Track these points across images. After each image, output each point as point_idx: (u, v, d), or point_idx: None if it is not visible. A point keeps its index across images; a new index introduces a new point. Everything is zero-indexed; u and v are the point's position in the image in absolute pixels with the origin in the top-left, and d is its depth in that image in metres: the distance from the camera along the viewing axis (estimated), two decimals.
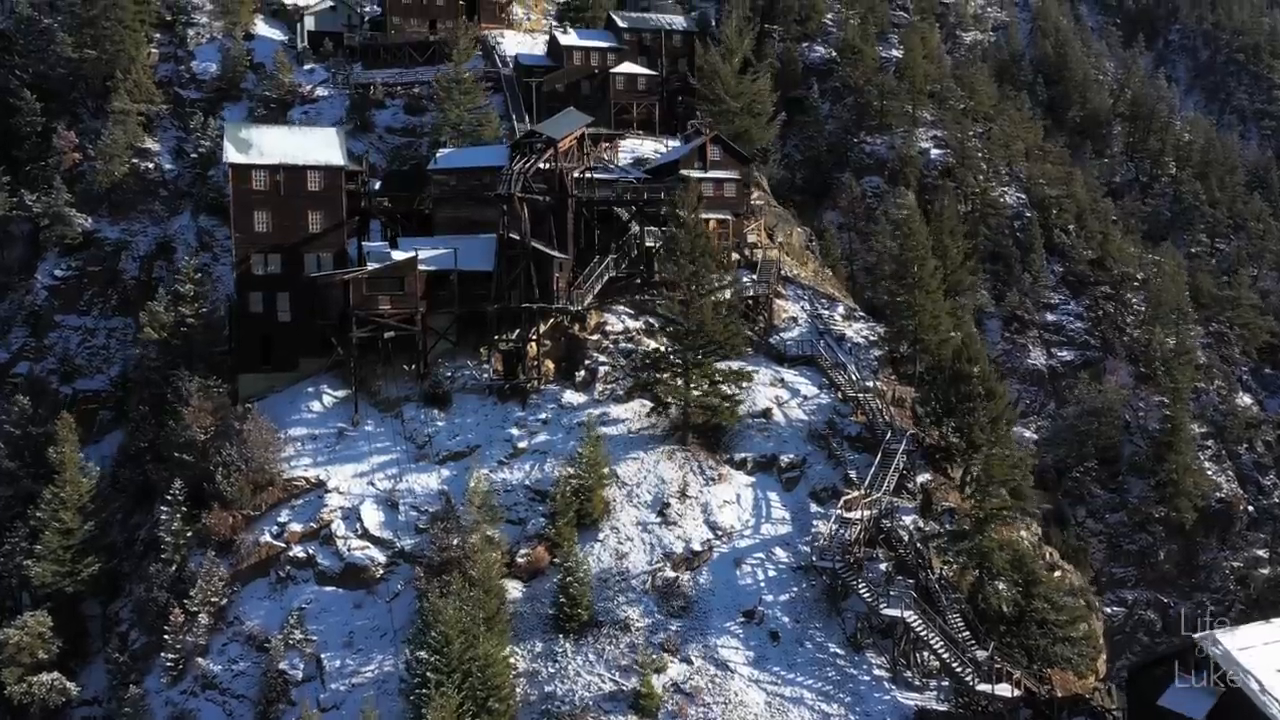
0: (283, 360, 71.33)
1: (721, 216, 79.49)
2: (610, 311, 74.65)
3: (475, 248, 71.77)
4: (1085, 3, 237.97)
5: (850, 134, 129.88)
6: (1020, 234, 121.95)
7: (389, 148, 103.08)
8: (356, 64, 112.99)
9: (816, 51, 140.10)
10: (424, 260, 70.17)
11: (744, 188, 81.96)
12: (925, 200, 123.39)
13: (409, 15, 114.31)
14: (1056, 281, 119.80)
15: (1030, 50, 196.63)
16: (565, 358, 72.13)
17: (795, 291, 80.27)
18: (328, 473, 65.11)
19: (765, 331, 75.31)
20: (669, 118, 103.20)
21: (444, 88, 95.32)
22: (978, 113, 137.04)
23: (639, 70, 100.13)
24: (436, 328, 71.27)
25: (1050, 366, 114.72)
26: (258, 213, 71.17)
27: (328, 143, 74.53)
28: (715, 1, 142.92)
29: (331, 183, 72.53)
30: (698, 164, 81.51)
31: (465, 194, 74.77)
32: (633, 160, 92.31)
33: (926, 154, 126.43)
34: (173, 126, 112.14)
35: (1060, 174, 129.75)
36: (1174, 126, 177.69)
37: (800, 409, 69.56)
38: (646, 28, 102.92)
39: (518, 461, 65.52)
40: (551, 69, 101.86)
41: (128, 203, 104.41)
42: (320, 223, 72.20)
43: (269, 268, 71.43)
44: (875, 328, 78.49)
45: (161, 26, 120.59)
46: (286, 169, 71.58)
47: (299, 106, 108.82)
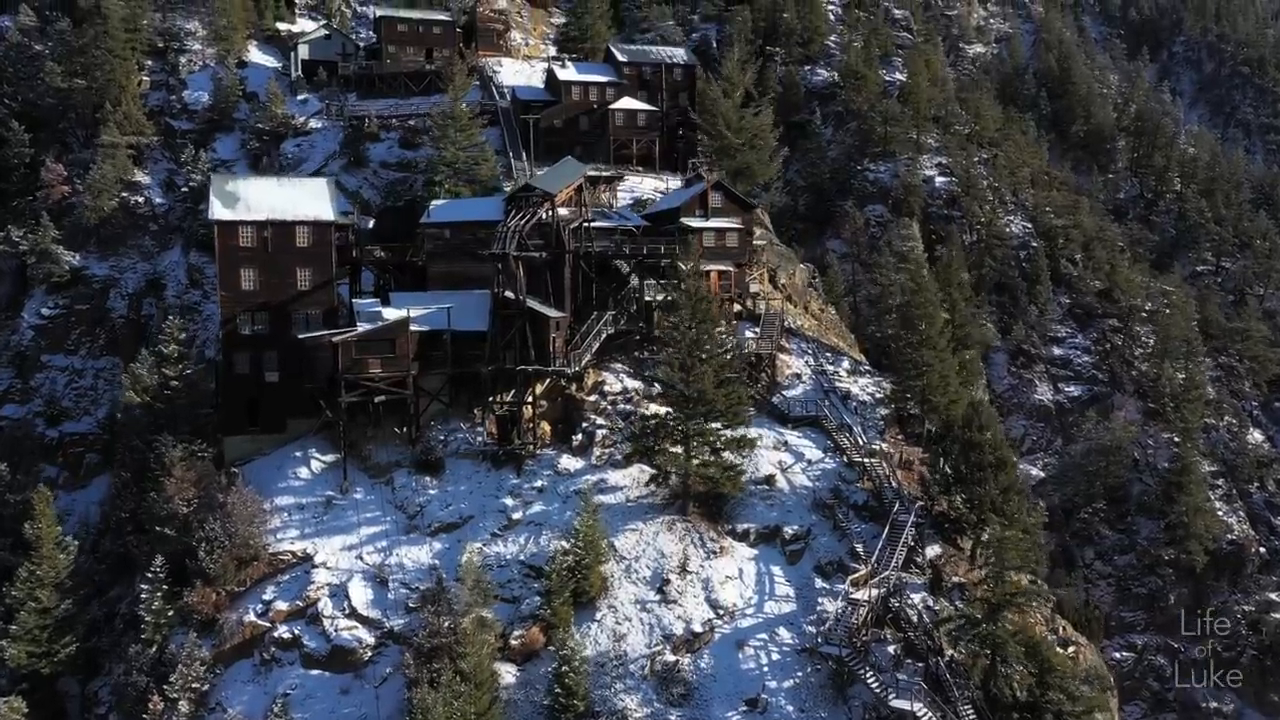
0: (270, 422, 68.57)
1: (723, 267, 76.65)
2: (609, 370, 71.88)
3: (469, 305, 68.95)
4: (1089, 14, 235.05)
5: (853, 160, 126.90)
6: (1026, 264, 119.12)
7: (383, 183, 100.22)
8: (351, 94, 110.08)
9: (819, 75, 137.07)
10: (416, 320, 67.40)
11: (747, 236, 79.05)
12: (930, 230, 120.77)
13: (404, 44, 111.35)
14: (1063, 314, 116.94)
15: (1033, 63, 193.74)
16: (562, 419, 69.39)
17: (799, 345, 77.45)
18: (315, 545, 62.36)
19: (768, 390, 72.53)
20: (669, 153, 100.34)
21: (439, 125, 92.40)
22: (982, 137, 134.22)
23: (638, 106, 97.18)
24: (429, 389, 68.54)
25: (1057, 402, 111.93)
26: (245, 270, 68.37)
27: (317, 195, 71.69)
28: (716, 24, 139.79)
29: (321, 238, 69.69)
30: (698, 212, 78.66)
31: (459, 248, 71.96)
32: (632, 201, 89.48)
33: (931, 182, 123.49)
34: (164, 158, 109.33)
35: (1066, 201, 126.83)
36: (1179, 142, 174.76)
37: (805, 475, 66.80)
38: (646, 61, 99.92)
39: (512, 534, 62.78)
40: (549, 104, 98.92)
41: (117, 238, 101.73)
42: (309, 280, 69.40)
43: (256, 327, 68.65)
44: (881, 382, 75.65)
45: (153, 53, 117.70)
46: (275, 225, 68.74)
47: (292, 139, 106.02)
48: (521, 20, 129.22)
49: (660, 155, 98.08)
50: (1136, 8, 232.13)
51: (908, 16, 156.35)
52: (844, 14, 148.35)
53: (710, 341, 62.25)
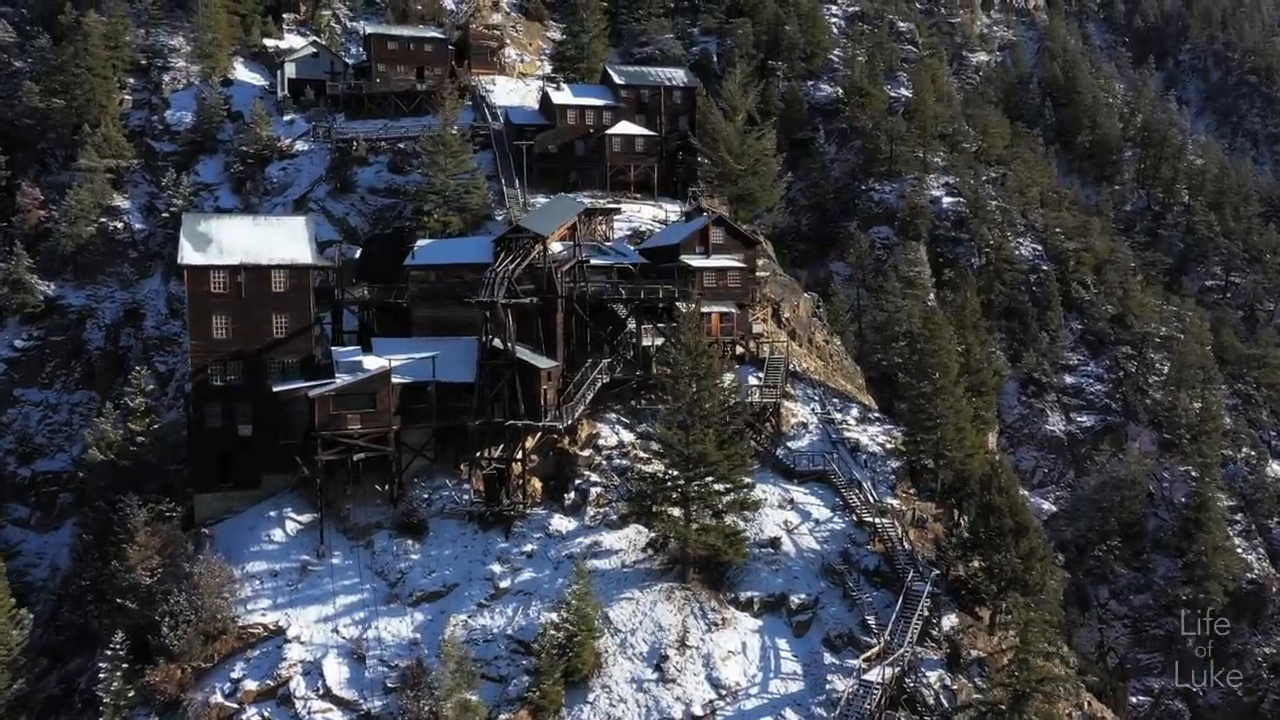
0: (244, 478, 63.91)
1: (724, 309, 72.01)
2: (604, 420, 67.21)
3: (456, 354, 64.28)
4: (1093, 22, 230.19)
5: (857, 180, 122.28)
6: (1037, 289, 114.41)
7: (371, 210, 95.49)
8: (339, 115, 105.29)
9: (822, 90, 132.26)
10: (399, 371, 62.73)
11: (750, 275, 74.36)
12: (937, 253, 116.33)
13: (395, 62, 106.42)
14: (1075, 340, 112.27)
15: (1038, 71, 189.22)
16: (554, 475, 64.75)
17: (805, 391, 72.75)
18: (288, 617, 57.66)
19: (773, 440, 67.87)
20: (669, 178, 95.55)
21: (428, 151, 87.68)
22: (990, 155, 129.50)
23: (637, 130, 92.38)
24: (412, 444, 63.88)
25: (1069, 433, 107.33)
26: (216, 317, 63.65)
27: (294, 236, 66.93)
28: (716, 37, 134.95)
29: (298, 283, 64.98)
30: (699, 249, 74.00)
31: (445, 292, 67.24)
32: (630, 233, 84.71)
33: (938, 202, 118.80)
34: (144, 181, 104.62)
35: (1077, 222, 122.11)
36: (1186, 153, 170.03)
37: (812, 536, 62.13)
38: (644, 84, 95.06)
39: (499, 604, 58.10)
40: (544, 127, 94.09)
41: (94, 265, 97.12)
42: (285, 327, 64.69)
43: (229, 377, 63.91)
44: (892, 430, 70.98)
45: (136, 71, 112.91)
46: (249, 269, 64.02)
47: (277, 162, 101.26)
48: (517, 35, 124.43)
49: (659, 181, 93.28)
50: (1142, 15, 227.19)
51: (912, 29, 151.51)
52: (847, 27, 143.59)
53: (711, 399, 57.55)
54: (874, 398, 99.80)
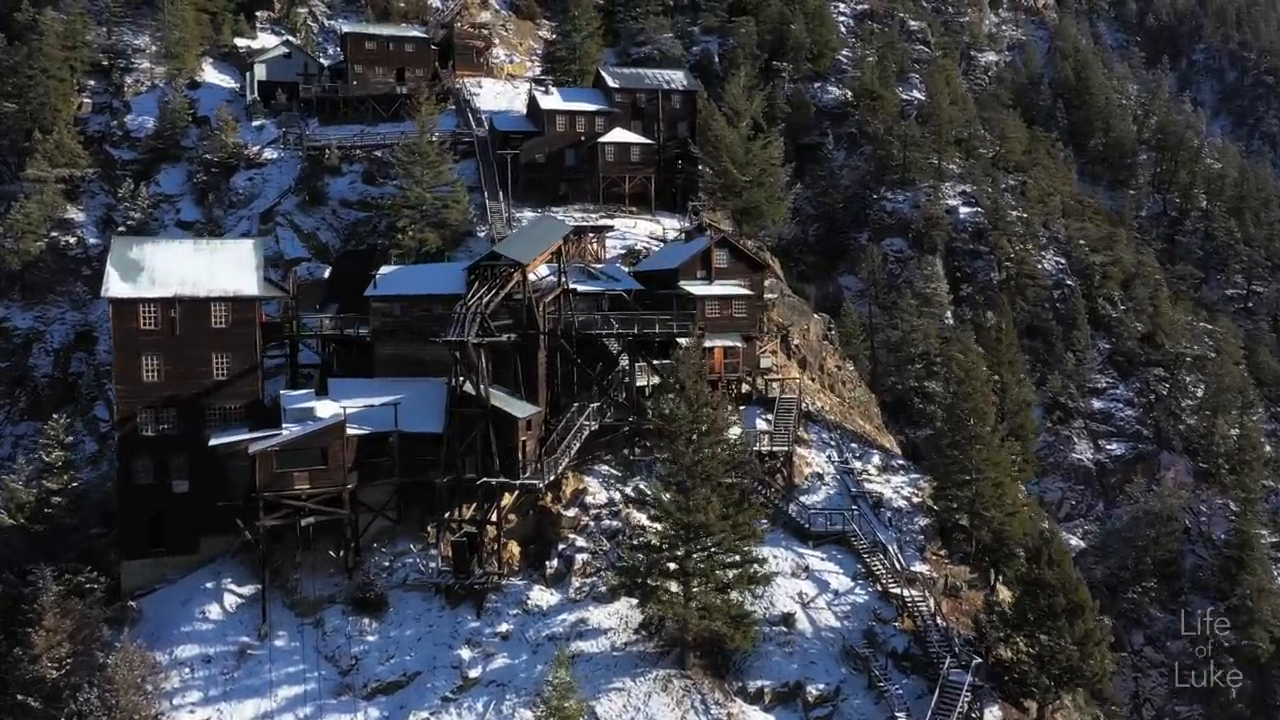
0: (179, 542, 54.91)
1: (729, 343, 62.84)
2: (592, 474, 58.08)
3: (422, 399, 55.21)
4: (1104, 21, 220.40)
5: (868, 188, 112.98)
6: (1061, 306, 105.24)
7: (343, 224, 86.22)
8: (312, 119, 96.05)
9: (830, 93, 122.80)
10: (355, 419, 53.61)
11: (757, 303, 65.24)
12: (954, 267, 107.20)
13: (373, 63, 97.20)
14: (1103, 361, 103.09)
15: (1049, 72, 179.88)
16: (535, 538, 55.69)
17: (820, 435, 63.58)
18: (221, 713, 48.64)
19: (785, 493, 58.76)
20: (667, 186, 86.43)
21: (403, 161, 78.61)
22: (1008, 161, 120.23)
23: (632, 138, 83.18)
24: (371, 503, 54.78)
25: (1098, 462, 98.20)
26: (147, 358, 54.64)
27: (239, 263, 57.83)
28: (718, 36, 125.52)
29: (242, 317, 55.95)
30: (700, 273, 64.88)
31: (411, 327, 58.07)
32: (623, 253, 75.68)
33: (955, 213, 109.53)
34: (101, 191, 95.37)
35: (1102, 233, 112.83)
36: (1203, 156, 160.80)
37: (831, 611, 53.05)
38: (641, 87, 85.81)
39: (468, 697, 49.00)
40: (531, 135, 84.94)
41: (43, 284, 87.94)
42: (227, 368, 55.65)
43: (161, 426, 54.91)
44: (919, 480, 61.88)
45: (97, 72, 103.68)
46: (184, 302, 54.98)
47: (244, 171, 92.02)
48: (506, 34, 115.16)
49: (656, 193, 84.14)
50: (1154, 14, 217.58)
51: (924, 28, 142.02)
52: (856, 26, 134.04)
53: (714, 460, 48.41)
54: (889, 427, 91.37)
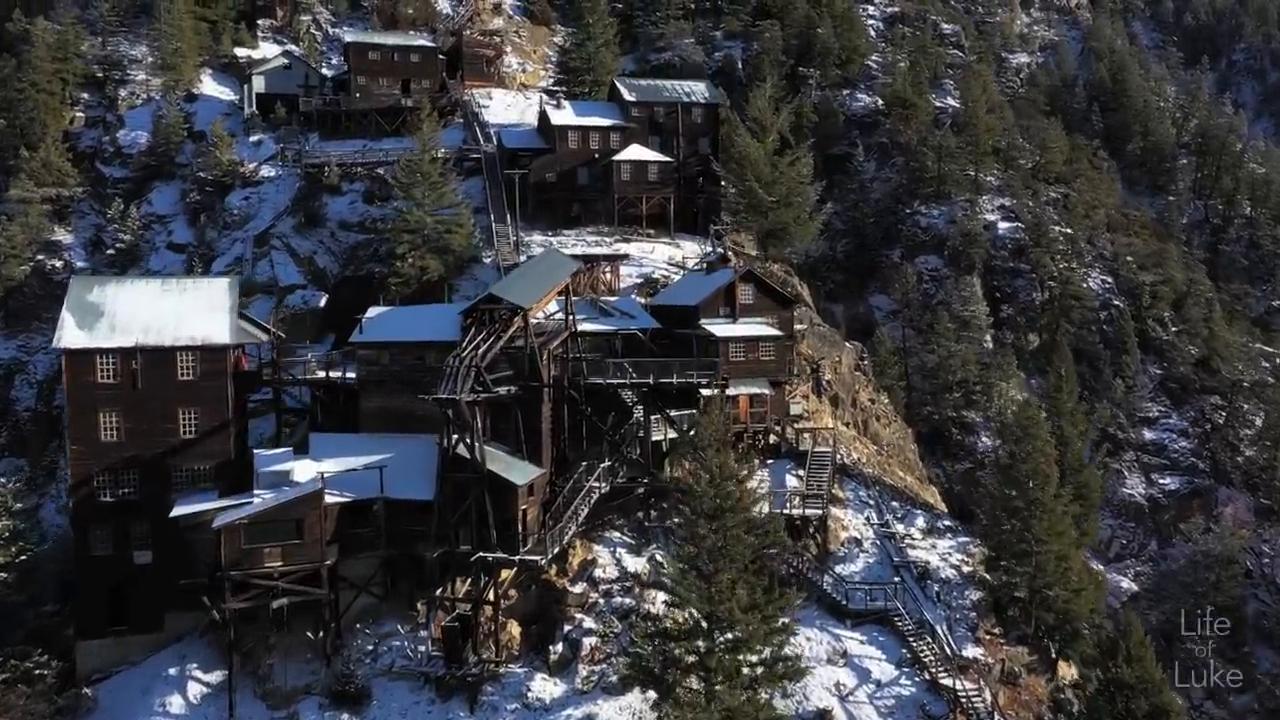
0: (142, 618, 48.61)
1: (756, 390, 55.94)
2: (602, 541, 51.33)
3: (411, 459, 48.65)
4: (1139, 20, 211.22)
5: (901, 202, 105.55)
6: (1109, 328, 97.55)
7: (342, 247, 79.95)
8: (313, 134, 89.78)
9: (859, 100, 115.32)
10: (335, 485, 47.13)
11: (786, 344, 58.28)
12: (993, 286, 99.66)
13: (377, 75, 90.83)
14: (1154, 388, 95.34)
15: (1083, 73, 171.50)
16: (537, 617, 49.01)
17: (857, 492, 56.46)
18: None
19: (819, 562, 51.82)
20: (687, 207, 79.56)
21: (402, 182, 72.19)
22: (1049, 172, 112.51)
23: (649, 156, 76.33)
24: (354, 578, 48.31)
25: (1151, 497, 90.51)
26: (105, 415, 48.39)
27: (212, 304, 51.42)
28: (742, 41, 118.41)
29: (212, 367, 49.61)
30: (723, 310, 58.04)
31: (400, 377, 51.49)
32: (639, 283, 68.89)
33: (993, 228, 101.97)
34: (92, 211, 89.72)
35: (1150, 249, 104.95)
36: (1246, 160, 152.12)
37: (873, 705, 46.08)
38: (659, 100, 78.88)
39: None
40: (542, 151, 78.28)
41: (27, 311, 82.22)
42: (195, 424, 49.33)
43: (122, 490, 48.65)
44: (968, 545, 54.75)
45: (90, 84, 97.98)
46: (147, 352, 48.67)
47: (239, 190, 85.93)
48: (519, 41, 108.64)
49: (676, 214, 77.24)
50: (1192, 12, 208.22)
51: (958, 31, 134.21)
52: (886, 30, 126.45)
53: (740, 545, 41.50)
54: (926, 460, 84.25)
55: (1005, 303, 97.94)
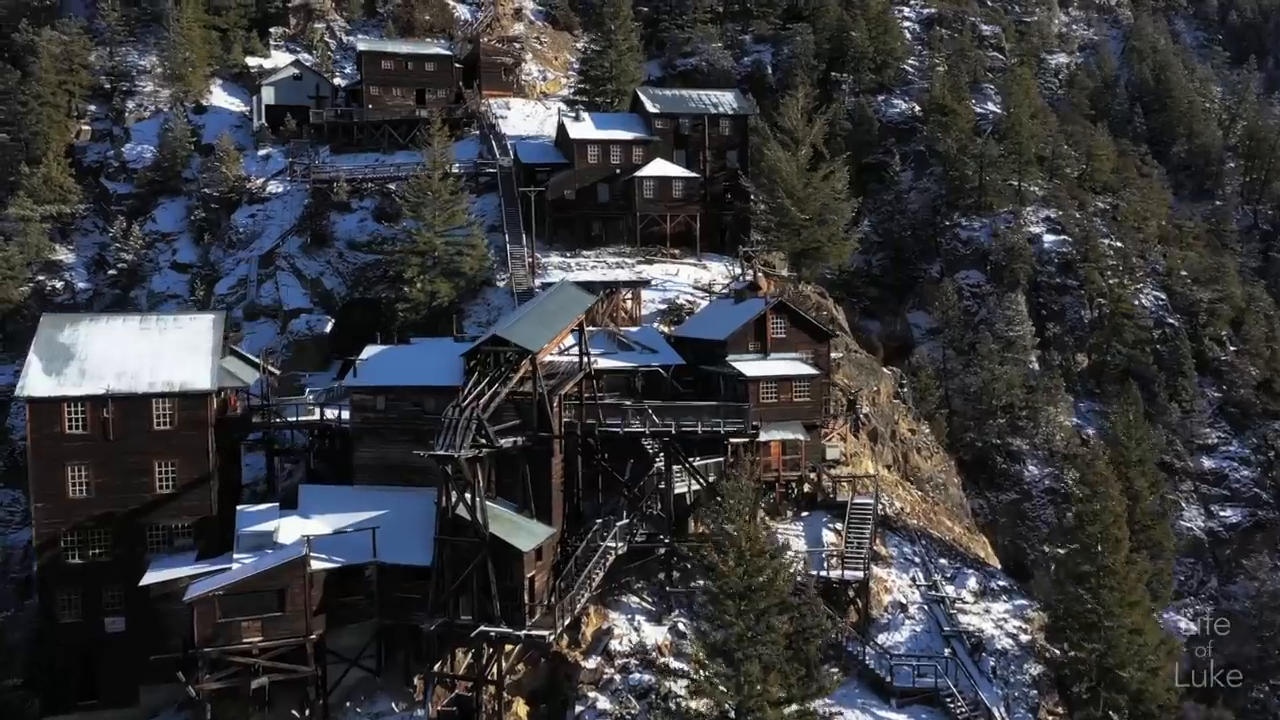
0: (114, 692, 43.91)
1: (789, 435, 50.37)
2: (619, 606, 45.99)
3: (408, 517, 43.58)
4: (1182, 18, 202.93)
5: (940, 214, 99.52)
6: (1163, 348, 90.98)
7: (350, 268, 75.21)
8: (323, 147, 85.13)
9: (895, 106, 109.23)
10: (323, 548, 42.12)
11: (822, 383, 52.70)
12: (1038, 303, 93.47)
13: (390, 85, 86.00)
14: (1213, 413, 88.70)
15: (1124, 73, 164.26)
16: (546, 693, 43.80)
17: (900, 548, 50.71)
18: None
19: (859, 630, 46.25)
20: (714, 225, 74.18)
21: (410, 201, 67.37)
22: (1096, 181, 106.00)
23: (673, 171, 70.99)
24: (344, 649, 43.29)
25: (1210, 530, 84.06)
26: (73, 469, 43.71)
27: (194, 345, 46.60)
28: (771, 45, 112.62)
29: (191, 415, 44.79)
30: (753, 346, 52.57)
31: (397, 425, 46.43)
32: (663, 309, 63.62)
33: (1039, 241, 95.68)
34: (96, 228, 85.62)
35: (1207, 264, 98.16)
36: None
37: None
38: (684, 111, 73.42)
39: None
40: (560, 166, 73.13)
41: (26, 334, 76.71)
42: (173, 478, 44.56)
43: (92, 552, 43.97)
44: (1025, 609, 48.93)
45: (98, 96, 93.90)
46: (119, 400, 43.91)
47: (245, 207, 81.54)
48: (540, 48, 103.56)
49: (702, 233, 71.93)
50: (1237, 9, 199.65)
51: (998, 33, 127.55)
52: (923, 32, 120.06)
53: (772, 634, 36.02)
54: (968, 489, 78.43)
55: (1052, 321, 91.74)
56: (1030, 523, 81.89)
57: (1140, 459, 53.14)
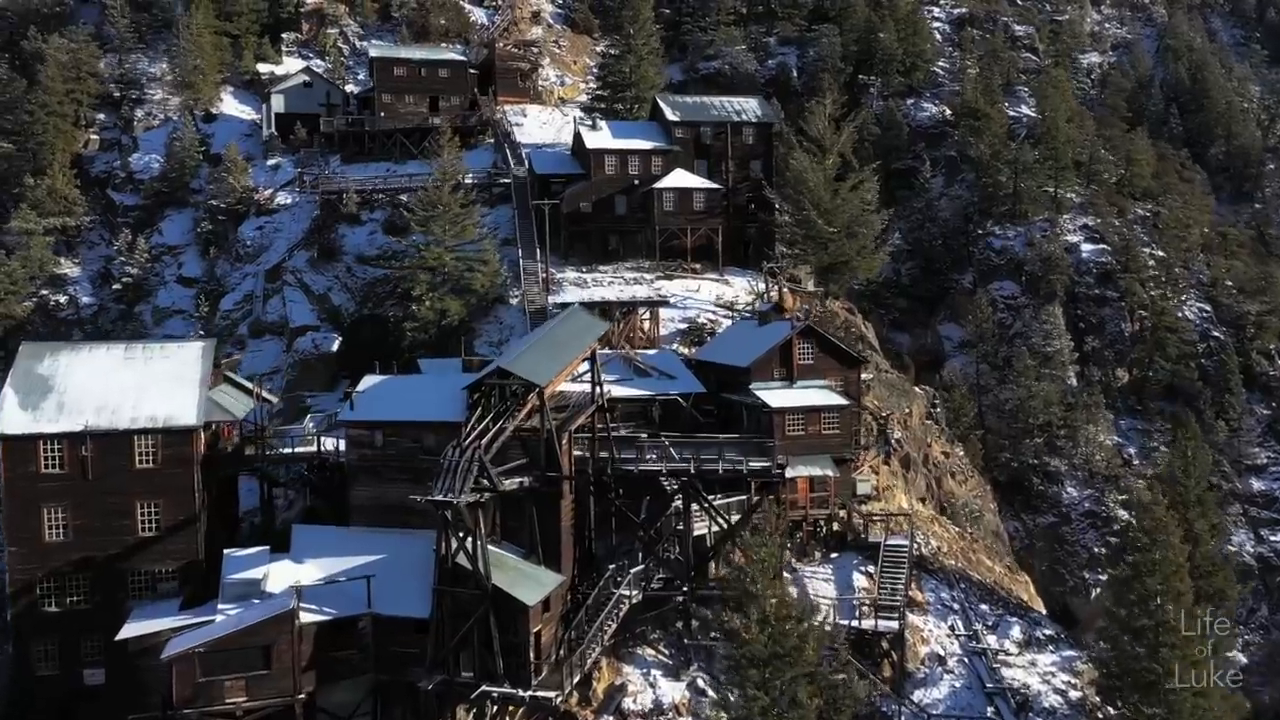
0: None
1: (817, 471, 46.61)
2: (633, 660, 42.32)
3: (407, 563, 40.21)
4: (1219, 15, 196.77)
5: (972, 222, 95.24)
6: (1208, 363, 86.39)
7: (359, 284, 71.96)
8: (334, 157, 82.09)
9: (925, 110, 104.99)
10: (314, 599, 38.77)
11: (853, 413, 48.89)
12: (1076, 315, 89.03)
13: (403, 92, 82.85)
14: (1262, 431, 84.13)
15: (1159, 73, 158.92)
16: None
17: (936, 592, 46.76)
18: None
19: (894, 687, 42.40)
20: (737, 239, 70.43)
21: (419, 216, 64.12)
22: (1135, 186, 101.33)
23: (694, 183, 67.37)
24: (336, 707, 39.89)
25: (1260, 555, 79.54)
26: (50, 510, 40.60)
27: (180, 376, 43.36)
28: (797, 47, 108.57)
29: (176, 452, 41.56)
30: (778, 372, 48.84)
31: (395, 463, 42.98)
32: (682, 330, 59.99)
33: (1076, 251, 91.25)
34: (102, 241, 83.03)
35: (1253, 273, 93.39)
36: None
37: None
38: (706, 119, 69.65)
39: None
40: (576, 177, 69.62)
41: None
42: (156, 519, 41.38)
43: (69, 599, 40.86)
44: (1074, 659, 44.91)
45: (106, 104, 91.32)
46: (98, 437, 40.76)
47: (253, 219, 78.61)
48: (559, 52, 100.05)
49: (724, 247, 68.23)
50: (1275, 6, 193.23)
51: (1031, 33, 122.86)
52: (954, 33, 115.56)
53: (800, 708, 32.31)
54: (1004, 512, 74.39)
55: (1090, 335, 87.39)
56: (1069, 547, 77.75)
57: (1199, 498, 48.94)
